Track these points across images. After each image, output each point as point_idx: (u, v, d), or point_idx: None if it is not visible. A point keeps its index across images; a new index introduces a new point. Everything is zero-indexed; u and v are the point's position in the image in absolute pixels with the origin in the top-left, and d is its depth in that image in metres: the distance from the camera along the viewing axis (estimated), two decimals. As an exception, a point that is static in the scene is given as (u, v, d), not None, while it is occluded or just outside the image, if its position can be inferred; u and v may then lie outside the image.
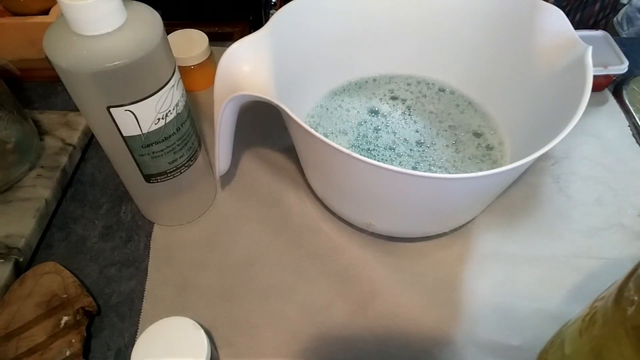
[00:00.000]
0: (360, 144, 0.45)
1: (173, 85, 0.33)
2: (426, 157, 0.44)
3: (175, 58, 0.35)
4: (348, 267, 0.41)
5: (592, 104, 0.52)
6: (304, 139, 0.36)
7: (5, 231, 0.41)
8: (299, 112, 0.47)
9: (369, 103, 0.49)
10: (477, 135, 0.46)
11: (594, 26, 0.67)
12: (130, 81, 0.30)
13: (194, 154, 0.39)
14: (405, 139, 0.46)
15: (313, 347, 0.37)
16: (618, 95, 0.54)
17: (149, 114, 0.33)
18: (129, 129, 0.33)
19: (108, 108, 0.31)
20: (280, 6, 0.40)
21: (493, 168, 0.40)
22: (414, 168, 0.43)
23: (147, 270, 0.41)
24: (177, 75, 0.34)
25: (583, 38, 0.37)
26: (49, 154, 0.47)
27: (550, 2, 0.38)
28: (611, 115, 0.52)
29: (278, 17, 0.39)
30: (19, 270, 0.40)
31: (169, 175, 0.38)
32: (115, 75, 0.29)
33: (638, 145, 0.50)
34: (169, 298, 0.39)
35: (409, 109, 0.49)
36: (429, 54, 0.49)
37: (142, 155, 0.35)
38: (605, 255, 0.42)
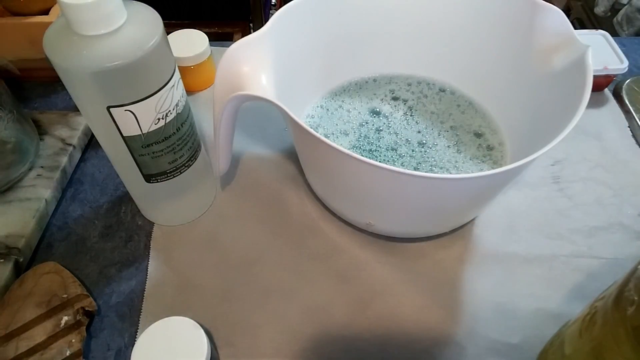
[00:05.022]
0: (362, 145, 0.45)
1: (173, 85, 0.33)
2: (428, 157, 0.44)
3: (175, 58, 0.35)
4: (348, 267, 0.41)
5: (592, 104, 0.52)
6: (304, 140, 0.36)
7: (5, 231, 0.41)
8: (299, 112, 0.47)
9: (370, 103, 0.49)
10: (478, 135, 0.46)
11: None
12: (130, 81, 0.30)
13: (194, 154, 0.39)
14: (407, 140, 0.46)
15: (313, 347, 0.37)
16: (618, 95, 0.54)
17: (149, 114, 0.33)
18: (129, 129, 0.33)
19: (108, 108, 0.31)
20: (280, 6, 0.40)
21: (493, 168, 0.40)
22: (416, 169, 0.43)
23: (147, 270, 0.41)
24: (177, 75, 0.34)
25: (583, 38, 0.37)
26: (49, 154, 0.47)
27: None
28: (611, 116, 0.52)
29: (278, 17, 0.39)
30: (19, 270, 0.40)
31: (169, 175, 0.38)
32: (115, 75, 0.29)
33: (638, 146, 0.50)
34: (169, 298, 0.39)
35: (411, 110, 0.49)
36: (429, 54, 0.49)
37: (142, 155, 0.35)
38: (605, 255, 0.42)
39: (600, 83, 0.53)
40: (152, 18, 0.31)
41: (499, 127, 0.46)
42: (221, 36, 1.27)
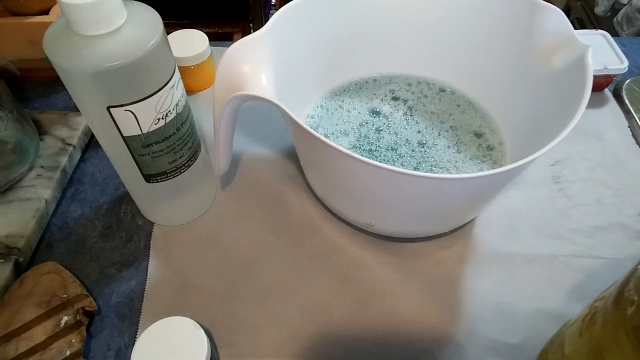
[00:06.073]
0: (362, 145, 0.45)
1: (173, 85, 0.33)
2: (428, 157, 0.44)
3: (175, 58, 0.35)
4: (348, 267, 0.41)
5: (592, 104, 0.52)
6: (304, 140, 0.36)
7: (5, 231, 0.41)
8: (299, 112, 0.47)
9: (370, 104, 0.49)
10: (478, 135, 0.46)
11: None
12: (130, 81, 0.30)
13: (194, 154, 0.39)
14: (407, 140, 0.46)
15: (313, 347, 0.37)
16: (618, 96, 0.54)
17: (149, 114, 0.33)
18: (129, 129, 0.33)
19: (108, 108, 0.31)
20: (280, 6, 0.40)
21: (493, 168, 0.40)
22: (416, 169, 0.43)
23: (147, 270, 0.41)
24: (177, 75, 0.34)
25: (583, 38, 0.37)
26: (49, 154, 0.47)
27: None
28: (611, 116, 0.52)
29: (278, 17, 0.39)
30: (19, 270, 0.40)
31: (169, 175, 0.38)
32: (115, 75, 0.29)
33: (637, 146, 0.50)
34: (169, 298, 0.39)
35: (411, 110, 0.49)
36: (429, 54, 0.49)
37: (142, 155, 0.35)
38: (605, 255, 0.42)
39: (600, 83, 0.53)
40: (152, 18, 0.31)
41: (499, 127, 0.46)
42: (221, 36, 1.27)
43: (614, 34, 0.85)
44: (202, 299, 0.39)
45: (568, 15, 0.97)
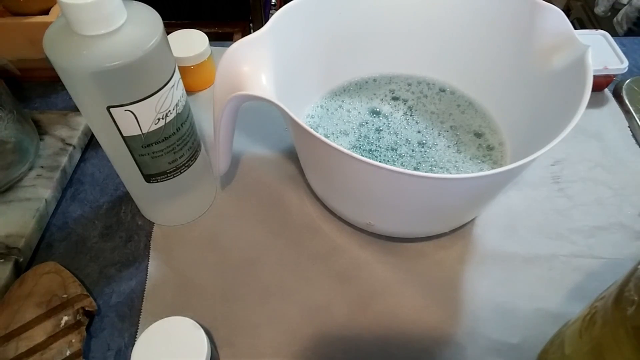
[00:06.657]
0: (362, 145, 0.45)
1: (173, 85, 0.33)
2: (428, 157, 0.44)
3: (175, 58, 0.35)
4: (348, 267, 0.41)
5: (592, 104, 0.52)
6: (304, 140, 0.36)
7: (5, 231, 0.41)
8: (299, 112, 0.47)
9: (370, 103, 0.49)
10: (478, 135, 0.46)
11: None
12: (130, 81, 0.30)
13: (194, 154, 0.39)
14: (407, 140, 0.46)
15: (313, 347, 0.37)
16: (618, 96, 0.54)
17: (149, 114, 0.33)
18: (129, 129, 0.33)
19: (108, 108, 0.31)
20: (280, 6, 0.40)
21: (493, 168, 0.40)
22: (416, 169, 0.43)
23: (147, 270, 0.41)
24: (177, 75, 0.34)
25: (583, 38, 0.37)
26: (49, 154, 0.47)
27: None
28: (611, 116, 0.52)
29: (278, 17, 0.39)
30: (19, 270, 0.40)
31: (169, 175, 0.38)
32: (115, 75, 0.29)
33: (637, 146, 0.50)
34: (169, 298, 0.39)
35: (411, 110, 0.49)
36: (429, 54, 0.49)
37: (142, 155, 0.35)
38: (605, 255, 0.42)
39: (600, 83, 0.53)
40: (152, 18, 0.31)
41: (499, 127, 0.46)
42: (221, 36, 1.27)
43: (614, 34, 0.85)
44: (202, 299, 0.39)
45: (568, 15, 0.97)
